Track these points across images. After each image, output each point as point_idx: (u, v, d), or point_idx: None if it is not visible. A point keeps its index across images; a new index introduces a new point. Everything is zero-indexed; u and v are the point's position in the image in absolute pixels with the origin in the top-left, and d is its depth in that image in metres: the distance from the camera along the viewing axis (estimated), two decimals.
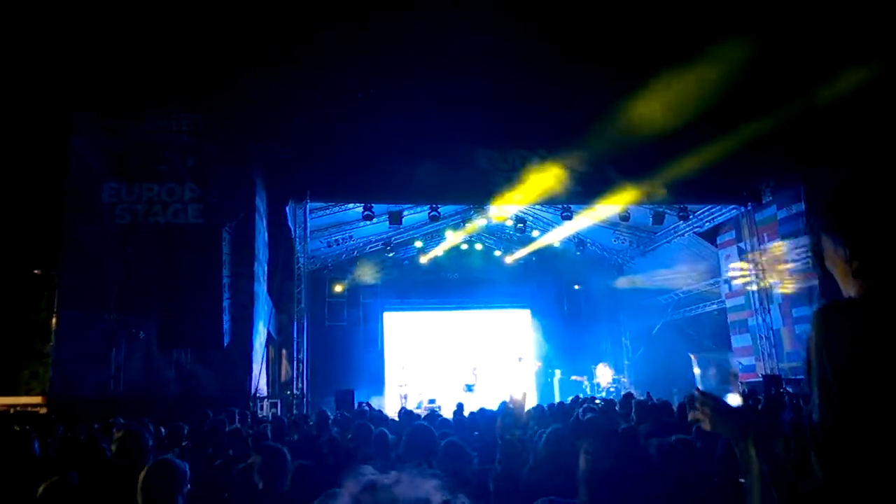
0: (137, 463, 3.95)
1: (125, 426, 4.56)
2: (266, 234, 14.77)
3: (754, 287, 16.67)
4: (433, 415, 9.18)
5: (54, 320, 12.78)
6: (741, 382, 17.43)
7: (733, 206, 16.60)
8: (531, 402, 2.69)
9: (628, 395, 10.71)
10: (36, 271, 13.89)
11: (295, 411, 13.39)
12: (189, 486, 2.97)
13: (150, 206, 13.25)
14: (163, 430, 7.07)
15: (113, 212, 13.09)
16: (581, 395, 14.79)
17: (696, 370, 20.31)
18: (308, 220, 15.29)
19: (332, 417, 8.82)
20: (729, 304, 18.57)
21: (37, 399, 16.65)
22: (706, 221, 17.81)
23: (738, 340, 18.15)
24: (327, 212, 16.84)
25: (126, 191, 13.24)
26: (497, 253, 22.77)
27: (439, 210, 16.49)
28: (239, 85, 13.76)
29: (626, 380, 21.49)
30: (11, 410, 14.49)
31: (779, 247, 15.76)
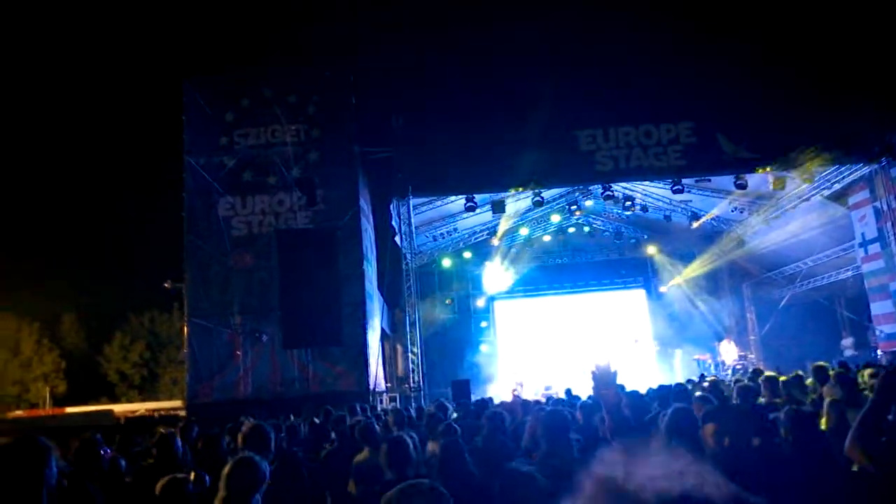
0: (262, 452, 4.10)
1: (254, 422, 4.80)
2: (373, 233, 15.15)
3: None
4: (550, 400, 9.06)
5: (185, 329, 13.69)
6: (884, 352, 16.07)
7: (864, 163, 15.17)
8: (616, 366, 2.72)
9: (756, 371, 10.10)
10: (166, 285, 14.96)
11: (414, 404, 13.63)
12: (266, 484, 3.04)
13: (264, 217, 13.94)
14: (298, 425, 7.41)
15: (229, 224, 13.88)
16: (706, 374, 14.18)
17: (847, 341, 18.94)
18: (412, 215, 15.48)
19: (450, 408, 8.86)
20: (866, 268, 17.08)
21: (177, 403, 17.96)
22: (834, 182, 16.39)
23: (879, 307, 16.68)
24: (430, 206, 16.97)
25: (240, 204, 14.00)
26: (606, 234, 22.15)
27: (543, 195, 16.20)
28: (337, 91, 14.13)
29: (752, 356, 20.34)
30: (156, 415, 15.68)
31: None
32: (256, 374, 13.38)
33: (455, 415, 8.76)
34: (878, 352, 16.55)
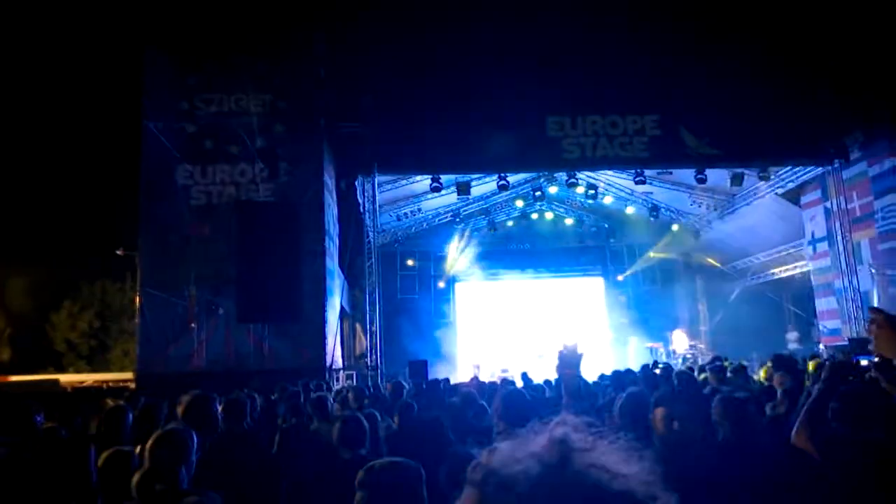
0: (204, 427, 3.93)
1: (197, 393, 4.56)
2: (336, 210, 15.00)
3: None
4: (506, 382, 9.19)
5: (138, 299, 13.38)
6: (826, 346, 16.71)
7: (818, 164, 15.67)
8: (584, 348, 2.76)
9: (716, 359, 10.49)
10: (119, 252, 14.52)
11: (370, 382, 13.67)
12: (195, 456, 2.95)
13: (224, 187, 13.64)
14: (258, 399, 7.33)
15: (188, 193, 13.55)
16: (658, 362, 14.57)
17: (791, 335, 19.66)
18: (377, 193, 15.41)
19: (407, 388, 8.92)
20: (813, 266, 17.72)
21: (128, 375, 17.57)
22: (789, 181, 16.91)
23: (823, 304, 17.36)
24: (395, 185, 16.91)
25: (200, 173, 13.66)
26: (569, 221, 22.44)
27: (508, 179, 16.29)
28: (306, 63, 13.88)
29: (702, 346, 20.94)
30: (105, 386, 15.35)
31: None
32: (211, 347, 13.14)
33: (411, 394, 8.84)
34: (821, 346, 17.18)
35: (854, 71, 13.76)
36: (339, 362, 14.52)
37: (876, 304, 14.97)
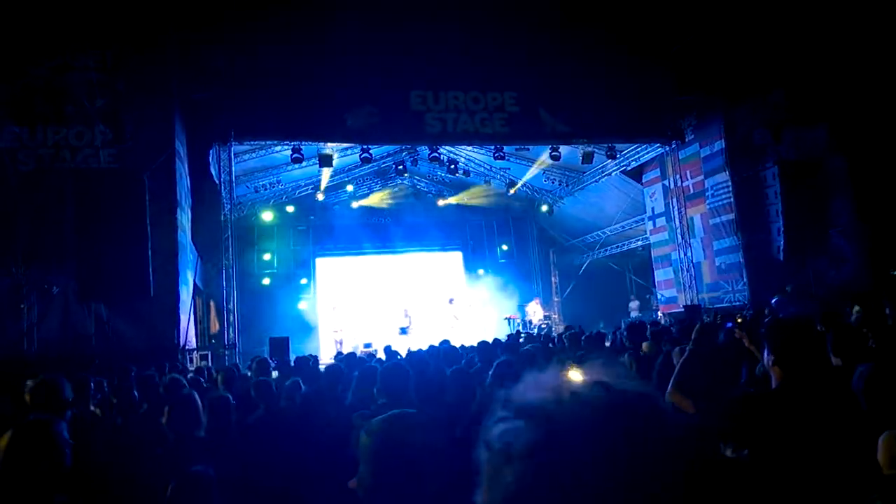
0: (55, 414, 3.61)
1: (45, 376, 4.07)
2: (188, 180, 14.02)
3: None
4: (371, 357, 9.18)
5: None
6: (664, 314, 18.22)
7: (658, 144, 16.93)
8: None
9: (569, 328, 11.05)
10: None
11: (227, 362, 13.08)
12: (68, 455, 2.58)
13: (58, 151, 12.24)
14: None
15: (14, 157, 12.04)
16: (521, 331, 15.19)
17: (633, 304, 21.21)
18: (233, 164, 14.63)
19: (273, 365, 8.65)
20: (653, 239, 19.21)
21: None
22: (632, 160, 18.16)
23: (661, 274, 18.89)
24: (253, 155, 16.13)
25: (28, 135, 12.18)
26: (429, 195, 22.63)
27: (371, 152, 16.11)
28: (154, 17, 12.71)
29: (556, 316, 22.10)
30: None
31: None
32: (44, 329, 11.91)
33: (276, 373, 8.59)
34: (659, 313, 18.75)
35: (690, 59, 14.95)
36: (193, 342, 13.73)
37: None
